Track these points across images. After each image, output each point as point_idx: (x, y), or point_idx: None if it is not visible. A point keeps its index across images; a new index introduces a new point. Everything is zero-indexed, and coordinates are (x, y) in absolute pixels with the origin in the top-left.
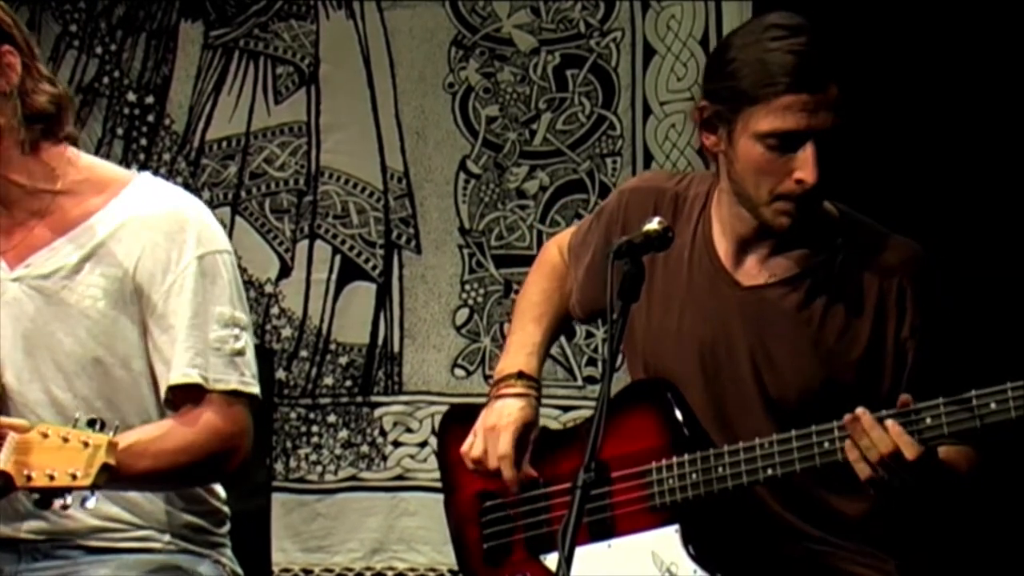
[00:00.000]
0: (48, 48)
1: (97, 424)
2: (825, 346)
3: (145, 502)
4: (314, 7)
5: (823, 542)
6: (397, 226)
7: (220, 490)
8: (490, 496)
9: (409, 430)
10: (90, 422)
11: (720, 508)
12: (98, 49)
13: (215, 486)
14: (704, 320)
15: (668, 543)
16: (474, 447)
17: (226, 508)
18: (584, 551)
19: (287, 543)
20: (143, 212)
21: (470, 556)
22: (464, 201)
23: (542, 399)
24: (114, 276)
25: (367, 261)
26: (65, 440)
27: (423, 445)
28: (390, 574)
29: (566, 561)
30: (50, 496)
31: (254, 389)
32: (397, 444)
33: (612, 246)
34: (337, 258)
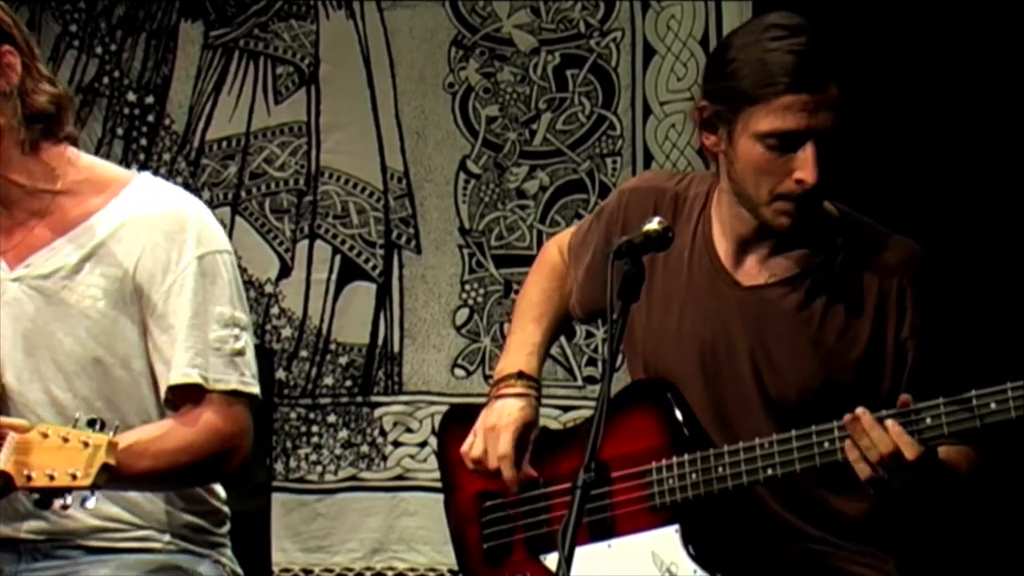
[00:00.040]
0: (48, 48)
1: (97, 424)
2: (825, 346)
3: (145, 502)
4: (314, 7)
5: (823, 542)
6: (397, 226)
7: (220, 490)
8: (490, 496)
9: (409, 430)
10: (90, 422)
11: (720, 508)
12: (98, 49)
13: (215, 486)
14: (704, 320)
15: (668, 543)
16: (474, 447)
17: (226, 508)
18: (584, 551)
19: (287, 543)
20: (143, 212)
21: (470, 556)
22: (464, 201)
23: (542, 399)
24: (114, 276)
25: (367, 261)
26: (65, 440)
27: (423, 445)
28: (390, 574)
29: (566, 561)
30: (50, 496)
31: (254, 389)
32: (397, 444)
33: (612, 246)
34: (337, 258)
